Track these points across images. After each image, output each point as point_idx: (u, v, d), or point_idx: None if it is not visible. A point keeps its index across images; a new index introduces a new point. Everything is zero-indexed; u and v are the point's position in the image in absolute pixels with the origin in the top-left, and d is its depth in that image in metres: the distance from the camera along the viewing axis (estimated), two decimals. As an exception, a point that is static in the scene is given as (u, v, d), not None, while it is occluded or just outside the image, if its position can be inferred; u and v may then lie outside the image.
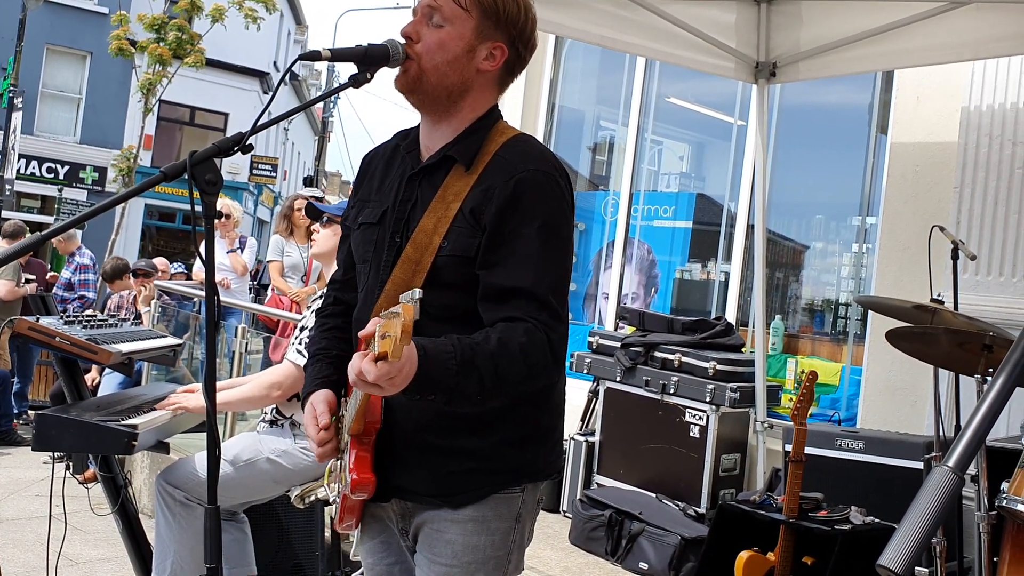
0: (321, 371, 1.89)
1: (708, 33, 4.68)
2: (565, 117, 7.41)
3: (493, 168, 1.73)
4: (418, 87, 1.76)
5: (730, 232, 6.01)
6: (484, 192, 1.71)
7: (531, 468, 1.82)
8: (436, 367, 1.51)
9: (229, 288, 7.27)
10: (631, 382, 5.09)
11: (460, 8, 1.74)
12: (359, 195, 1.94)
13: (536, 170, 1.72)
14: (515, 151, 1.76)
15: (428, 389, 1.53)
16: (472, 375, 1.56)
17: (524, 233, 1.68)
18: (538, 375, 1.67)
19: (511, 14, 1.78)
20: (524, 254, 1.68)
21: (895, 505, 3.64)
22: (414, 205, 1.78)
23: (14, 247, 1.74)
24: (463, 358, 1.55)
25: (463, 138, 1.79)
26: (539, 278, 1.68)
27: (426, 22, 1.76)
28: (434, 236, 1.71)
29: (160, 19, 14.77)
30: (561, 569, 4.43)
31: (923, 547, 1.03)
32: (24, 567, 4.40)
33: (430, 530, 1.79)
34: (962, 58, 4.36)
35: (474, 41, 1.76)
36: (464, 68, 1.76)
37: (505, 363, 1.60)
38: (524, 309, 1.65)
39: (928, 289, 3.64)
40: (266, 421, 3.33)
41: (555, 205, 1.73)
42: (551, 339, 1.66)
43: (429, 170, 1.80)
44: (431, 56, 1.74)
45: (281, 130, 28.81)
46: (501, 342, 1.60)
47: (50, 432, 2.76)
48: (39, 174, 21.46)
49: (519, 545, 1.84)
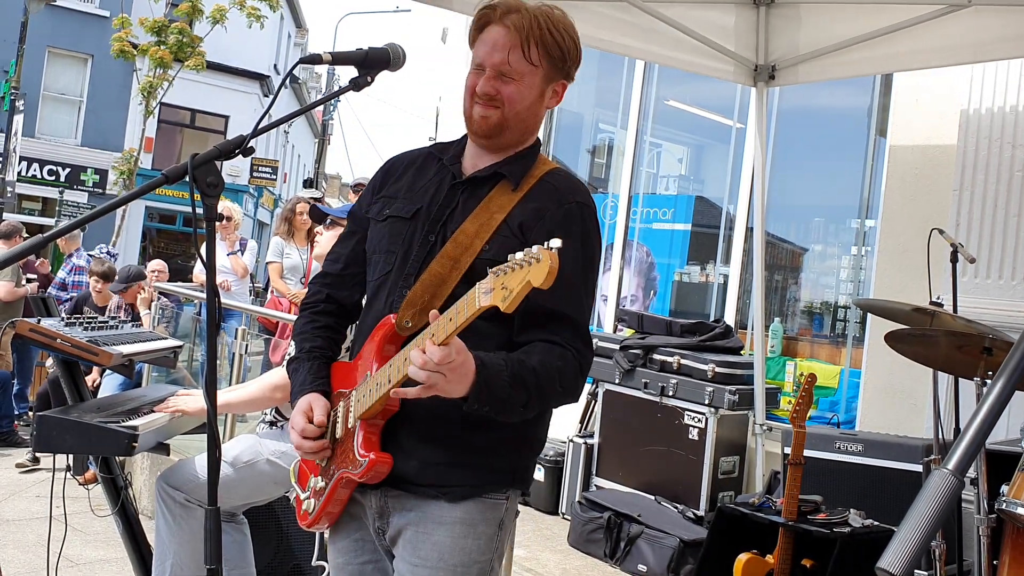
0: (320, 372, 1.91)
1: (707, 36, 4.69)
2: (564, 120, 7.42)
3: (542, 191, 1.86)
4: (499, 132, 1.87)
5: (729, 235, 6.02)
6: (536, 211, 1.82)
7: (522, 474, 1.89)
8: (493, 375, 1.63)
9: (230, 290, 7.28)
10: (630, 384, 5.10)
11: (529, 63, 1.84)
12: (383, 192, 1.99)
13: (584, 204, 1.88)
14: (562, 180, 1.91)
15: (485, 397, 1.62)
16: (521, 389, 1.67)
17: (570, 261, 1.74)
18: (566, 398, 1.79)
19: (571, 54, 1.90)
20: (569, 281, 1.71)
21: (894, 508, 3.65)
22: (454, 210, 1.86)
23: (17, 248, 1.74)
24: (513, 371, 1.66)
25: (515, 160, 1.91)
26: (580, 306, 1.82)
27: (497, 77, 1.84)
28: (475, 240, 1.79)
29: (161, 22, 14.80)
30: (560, 571, 4.43)
31: (922, 550, 1.03)
32: (25, 568, 4.40)
33: (415, 532, 1.79)
34: (961, 61, 4.37)
35: (544, 87, 1.89)
36: (538, 110, 1.91)
37: (545, 382, 1.72)
38: (563, 335, 1.76)
39: (927, 292, 3.64)
40: (266, 423, 3.33)
41: (596, 238, 1.89)
42: (582, 366, 1.79)
43: (476, 182, 1.88)
44: (513, 106, 1.86)
45: (281, 133, 28.82)
46: (543, 363, 1.72)
47: (51, 433, 2.75)
48: (40, 176, 21.46)
49: (499, 554, 1.87)
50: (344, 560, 1.94)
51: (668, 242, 6.58)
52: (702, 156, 7.22)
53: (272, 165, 25.38)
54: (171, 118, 23.22)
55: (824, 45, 4.62)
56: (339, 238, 2.09)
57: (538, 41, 1.82)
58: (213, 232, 1.73)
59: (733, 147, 6.19)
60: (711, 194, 6.69)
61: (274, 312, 6.16)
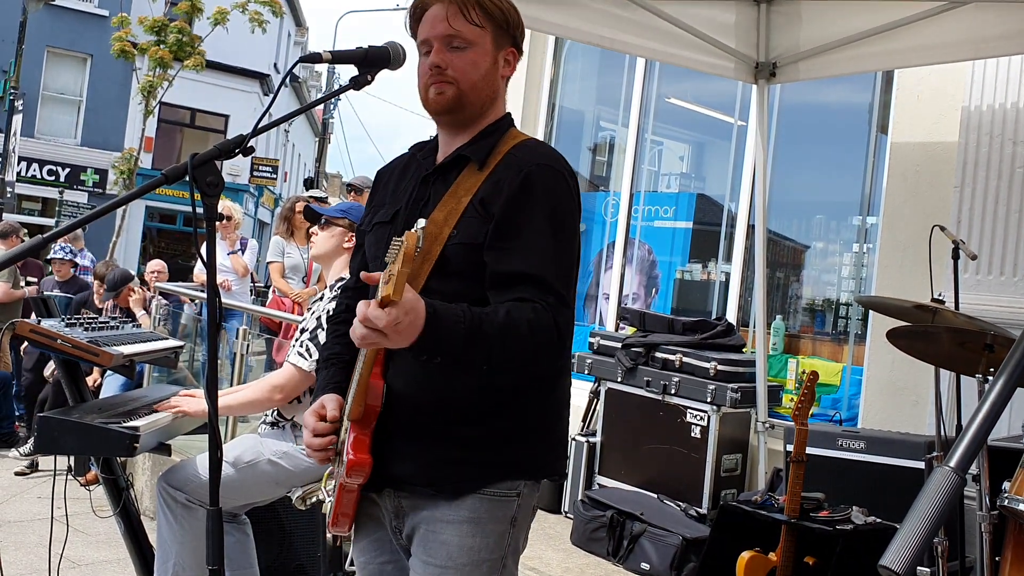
0: (333, 376, 1.92)
1: (708, 33, 4.68)
2: (565, 118, 7.41)
3: (505, 164, 1.81)
4: (458, 107, 1.84)
5: (730, 232, 6.02)
6: (495, 184, 1.78)
7: (525, 464, 1.83)
8: (445, 329, 1.56)
9: (230, 290, 7.28)
10: (632, 383, 5.09)
11: (477, 27, 1.83)
12: (373, 202, 2.01)
13: (546, 166, 1.80)
14: (526, 150, 1.85)
15: (435, 349, 1.57)
16: (480, 343, 1.60)
17: (532, 222, 1.74)
18: (544, 354, 1.71)
19: (513, 19, 1.90)
20: (532, 242, 1.73)
21: (896, 505, 3.65)
22: (426, 203, 1.84)
23: (16, 249, 1.74)
24: (472, 324, 1.59)
25: (478, 139, 1.87)
26: (546, 265, 1.73)
27: (446, 49, 1.83)
28: (444, 227, 1.77)
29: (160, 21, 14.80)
30: (562, 570, 4.43)
31: (925, 547, 1.03)
32: (27, 569, 4.40)
33: (425, 531, 1.80)
34: (962, 57, 4.36)
35: (495, 53, 1.87)
36: (493, 79, 1.88)
37: (513, 337, 1.64)
38: (531, 292, 1.69)
39: (929, 289, 3.64)
40: (267, 423, 3.33)
41: (564, 198, 1.80)
42: (558, 321, 1.70)
43: (443, 169, 1.87)
44: (467, 76, 1.83)
45: (281, 132, 28.81)
46: (510, 315, 1.65)
47: (52, 434, 2.75)
48: (40, 177, 21.46)
49: (514, 550, 1.85)
50: (365, 560, 1.97)
51: (670, 240, 6.58)
52: (703, 153, 7.21)
53: (272, 164, 25.38)
54: (171, 117, 23.22)
55: (825, 42, 4.61)
56: (354, 249, 2.11)
57: (475, 3, 1.83)
58: (213, 232, 1.73)
59: (734, 144, 6.18)
60: (712, 192, 6.68)
61: (276, 312, 6.17)
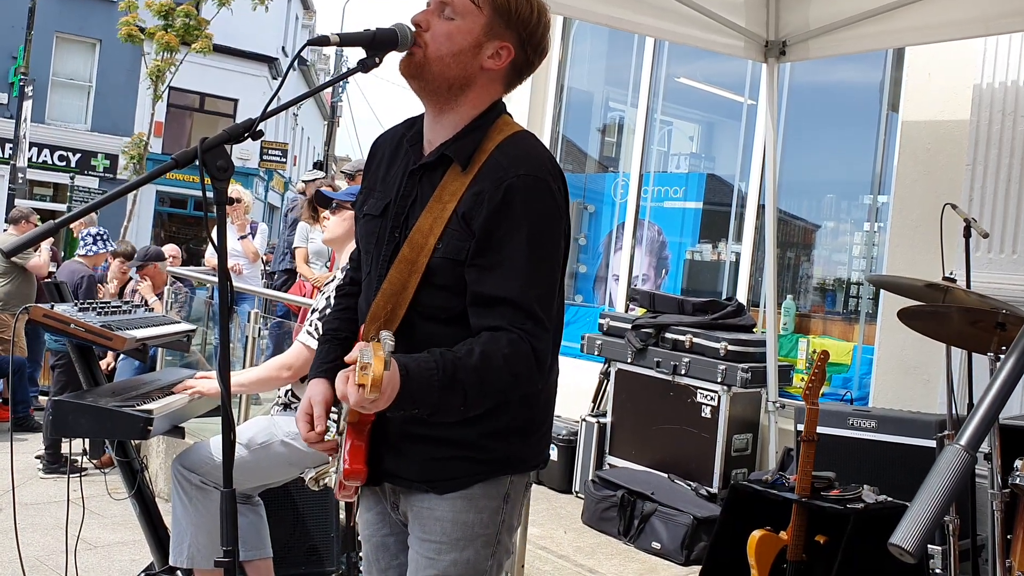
0: (329, 353, 1.93)
1: (717, 12, 4.65)
2: (574, 98, 7.38)
3: (487, 170, 1.73)
4: (420, 73, 1.76)
5: (741, 212, 6.00)
6: (475, 196, 1.71)
7: (516, 460, 1.84)
8: (419, 386, 1.58)
9: (241, 274, 7.31)
10: (642, 363, 5.10)
11: (473, 4, 1.76)
12: (367, 182, 1.97)
13: (527, 175, 1.72)
14: (509, 153, 1.75)
15: (411, 405, 1.59)
16: (456, 390, 1.62)
17: (512, 241, 1.69)
18: (522, 384, 1.71)
19: (523, 15, 1.79)
20: (511, 263, 1.69)
21: (908, 484, 3.65)
22: (414, 201, 1.80)
23: (31, 233, 1.75)
24: (446, 374, 1.60)
25: (461, 136, 1.79)
26: (525, 288, 1.69)
27: (438, 13, 1.77)
28: (430, 237, 1.73)
29: (167, 5, 14.77)
30: (574, 549, 4.45)
31: (936, 525, 1.03)
32: (43, 550, 4.45)
33: (420, 508, 1.82)
34: (972, 34, 4.32)
35: (482, 38, 1.77)
36: (468, 63, 1.77)
37: (490, 375, 1.65)
38: (509, 318, 1.68)
39: (940, 267, 3.62)
40: (280, 404, 3.36)
41: (545, 212, 1.73)
42: (535, 348, 1.68)
43: (428, 167, 1.81)
44: (437, 46, 1.75)
45: (290, 115, 28.80)
46: (484, 355, 1.64)
47: (66, 418, 2.78)
48: (51, 162, 21.54)
49: (508, 526, 1.86)
50: (369, 532, 2.00)
51: (679, 220, 6.56)
52: (713, 133, 7.18)
53: (282, 148, 25.39)
54: (180, 102, 23.25)
55: (834, 20, 4.58)
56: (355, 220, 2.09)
57: None
58: (224, 216, 1.73)
59: (744, 124, 6.15)
60: (722, 172, 6.65)
61: (292, 297, 6.20)
